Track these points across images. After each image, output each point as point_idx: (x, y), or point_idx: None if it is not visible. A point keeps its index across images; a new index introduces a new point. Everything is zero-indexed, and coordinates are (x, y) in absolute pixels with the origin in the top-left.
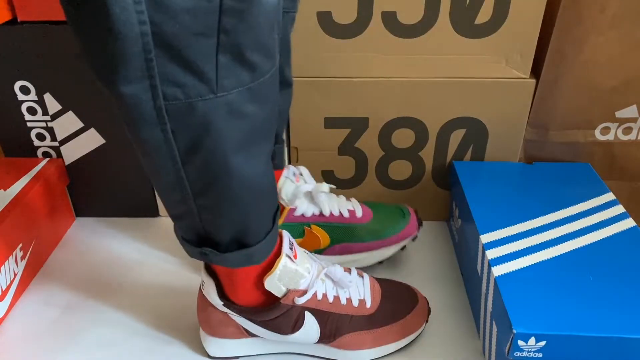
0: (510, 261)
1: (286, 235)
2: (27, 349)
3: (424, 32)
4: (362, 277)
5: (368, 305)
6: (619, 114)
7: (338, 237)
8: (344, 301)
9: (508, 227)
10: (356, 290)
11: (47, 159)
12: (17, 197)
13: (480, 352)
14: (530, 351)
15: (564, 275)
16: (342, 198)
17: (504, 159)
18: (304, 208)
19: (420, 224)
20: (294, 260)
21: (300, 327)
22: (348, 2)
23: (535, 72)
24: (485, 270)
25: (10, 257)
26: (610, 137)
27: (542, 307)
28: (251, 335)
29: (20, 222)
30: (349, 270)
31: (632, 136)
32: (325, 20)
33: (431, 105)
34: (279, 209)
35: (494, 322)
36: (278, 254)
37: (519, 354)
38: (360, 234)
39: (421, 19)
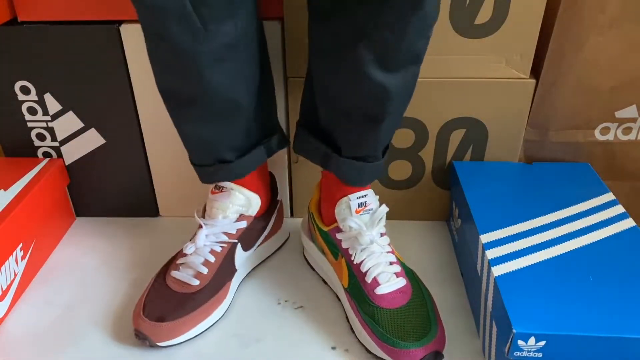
0: (510, 261)
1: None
2: (27, 349)
3: None
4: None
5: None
6: (619, 114)
7: (354, 293)
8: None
9: (508, 227)
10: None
11: (47, 159)
12: (17, 197)
13: (480, 352)
14: (530, 351)
15: (564, 275)
16: (391, 258)
17: (504, 159)
18: (345, 240)
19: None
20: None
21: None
22: None
23: (535, 72)
24: (485, 270)
25: (11, 257)
26: (610, 137)
27: (542, 307)
28: None
29: (21, 222)
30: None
31: (631, 136)
32: None
33: (431, 105)
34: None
35: (493, 322)
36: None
37: (518, 353)
38: (371, 313)
39: None
